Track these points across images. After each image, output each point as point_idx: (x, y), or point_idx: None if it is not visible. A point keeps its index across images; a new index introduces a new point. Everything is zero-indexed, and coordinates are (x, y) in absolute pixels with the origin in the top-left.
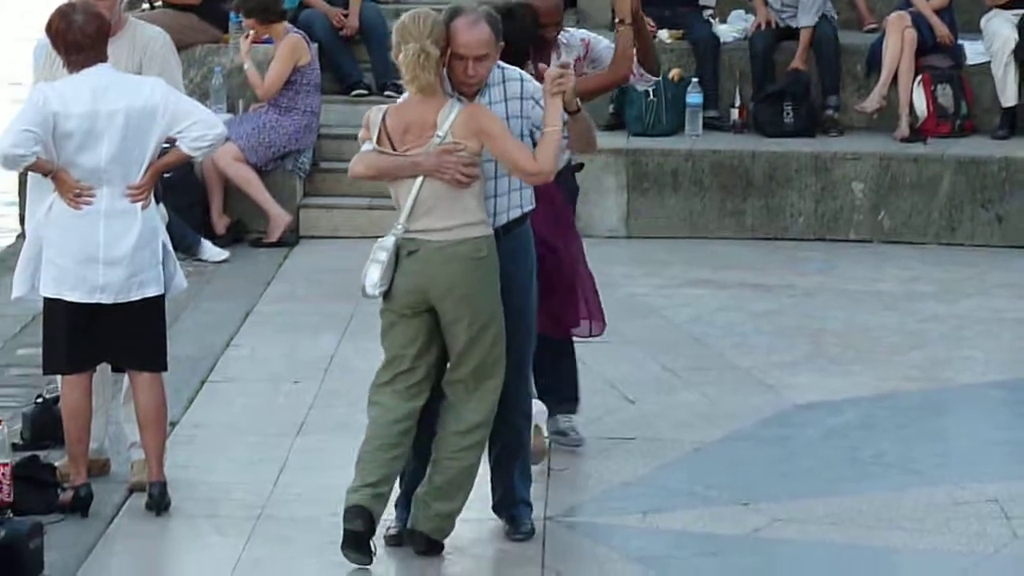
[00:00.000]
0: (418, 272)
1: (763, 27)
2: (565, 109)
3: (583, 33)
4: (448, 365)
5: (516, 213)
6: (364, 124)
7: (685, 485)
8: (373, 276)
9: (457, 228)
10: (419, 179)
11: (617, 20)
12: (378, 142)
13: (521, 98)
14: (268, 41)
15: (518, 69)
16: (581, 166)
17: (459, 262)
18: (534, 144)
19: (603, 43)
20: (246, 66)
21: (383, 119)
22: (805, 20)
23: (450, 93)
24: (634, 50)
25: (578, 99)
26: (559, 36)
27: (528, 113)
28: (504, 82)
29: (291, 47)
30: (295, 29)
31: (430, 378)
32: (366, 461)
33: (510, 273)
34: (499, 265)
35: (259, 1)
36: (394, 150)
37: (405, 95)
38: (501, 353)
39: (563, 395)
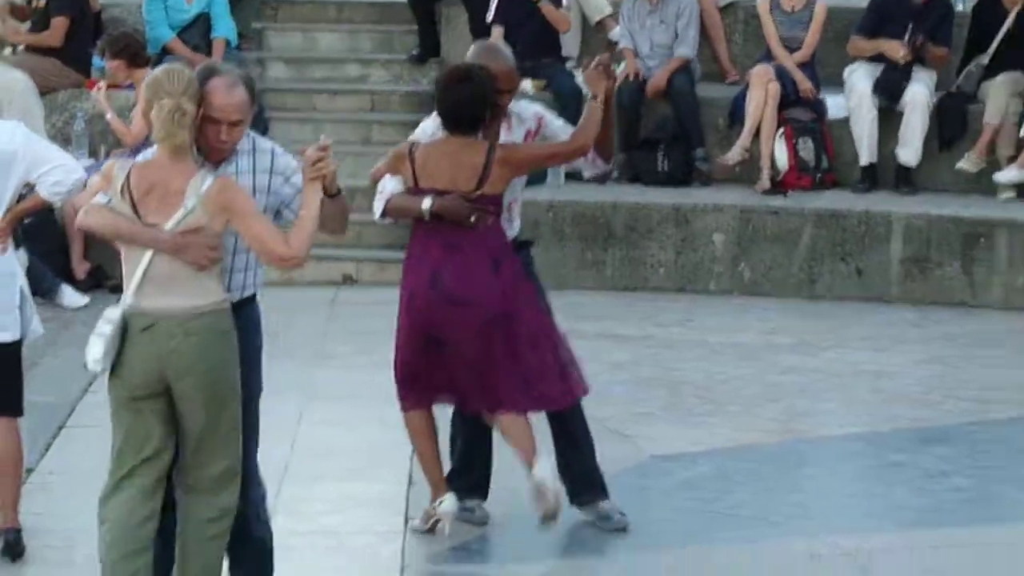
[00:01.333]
0: (154, 349)
1: (631, 78)
2: (325, 192)
3: (538, 108)
4: (185, 449)
5: (251, 291)
6: (104, 173)
7: (541, 535)
8: (95, 351)
9: (197, 301)
10: (150, 252)
11: (591, 95)
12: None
13: (271, 172)
14: (129, 87)
15: (270, 141)
16: (530, 242)
17: (201, 336)
18: (279, 222)
19: (558, 122)
20: (108, 116)
21: (128, 174)
22: (683, 51)
23: (196, 158)
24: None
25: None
26: (510, 106)
27: (277, 189)
28: (254, 152)
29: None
30: None
31: (170, 463)
32: (116, 572)
33: (242, 347)
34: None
35: (128, 43)
36: (134, 209)
37: (151, 151)
38: (239, 435)
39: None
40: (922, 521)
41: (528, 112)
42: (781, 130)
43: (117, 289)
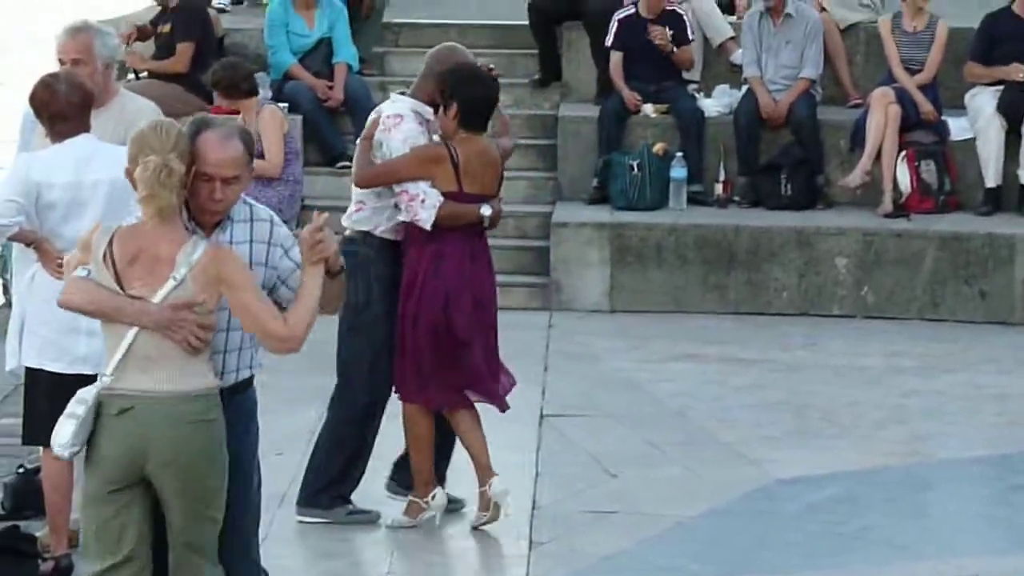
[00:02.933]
0: (133, 435)
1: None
2: (327, 272)
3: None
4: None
5: (246, 374)
6: (82, 244)
7: (667, 560)
8: (64, 434)
9: (183, 385)
10: (135, 329)
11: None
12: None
13: (269, 243)
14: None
15: (268, 209)
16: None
17: (185, 425)
18: (275, 299)
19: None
20: None
21: (110, 240)
22: (809, 71)
23: (187, 223)
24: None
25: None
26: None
27: (276, 263)
28: (252, 220)
29: (276, 118)
30: (268, 100)
31: (149, 566)
32: None
33: (236, 441)
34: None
35: (226, 76)
36: (117, 280)
37: (134, 217)
38: (217, 532)
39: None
40: None
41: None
42: (903, 153)
43: None
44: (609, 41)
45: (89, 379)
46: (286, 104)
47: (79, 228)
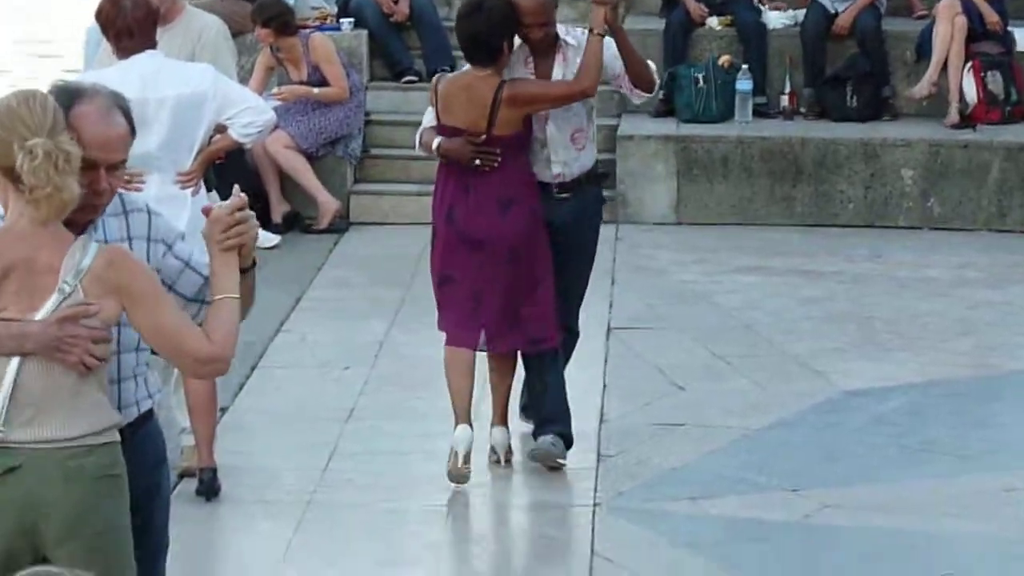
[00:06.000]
0: (21, 500)
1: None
2: (240, 267)
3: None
4: None
5: (147, 405)
6: None
7: (734, 471)
8: None
9: (81, 428)
10: (16, 360)
11: (589, 29)
12: None
13: (149, 239)
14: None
15: (142, 197)
16: (604, 175)
17: (86, 483)
18: None
19: (611, 49)
20: (316, 92)
21: None
22: None
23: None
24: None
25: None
26: (564, 36)
27: (158, 263)
28: (126, 213)
29: (328, 43)
30: (311, 29)
31: None
32: None
33: (145, 498)
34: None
35: (275, 13)
36: None
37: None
38: None
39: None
40: None
41: (584, 40)
42: (969, 64)
43: (308, 229)
44: None
45: None
46: (352, 19)
47: (145, 145)
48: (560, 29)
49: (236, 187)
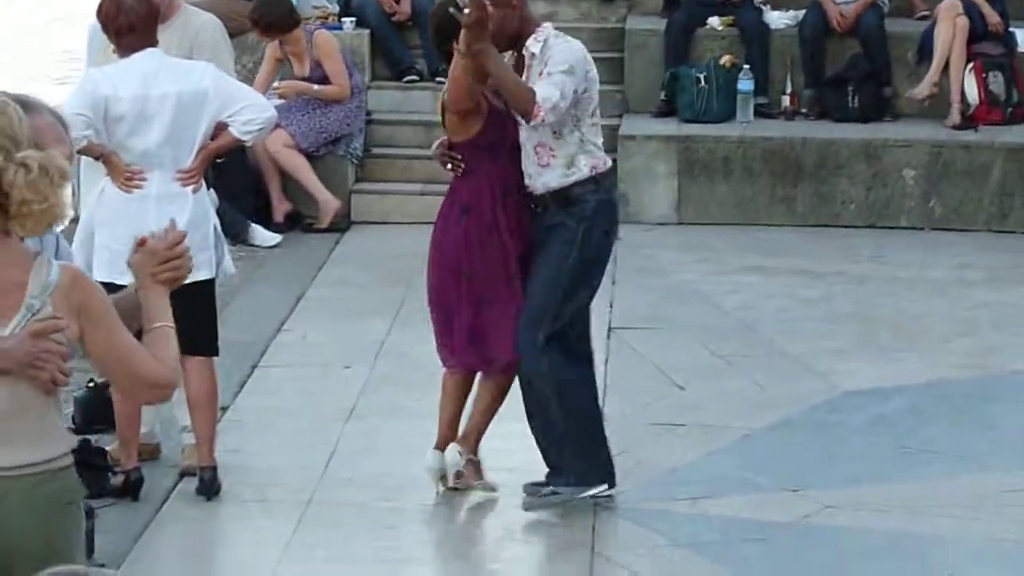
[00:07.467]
0: None
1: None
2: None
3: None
4: None
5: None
6: None
7: (734, 471)
8: None
9: (42, 452)
10: None
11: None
12: None
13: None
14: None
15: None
16: (576, 202)
17: (47, 511)
18: None
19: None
20: (315, 88)
21: None
22: None
23: None
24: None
25: None
26: (530, 47)
27: None
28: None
29: (332, 41)
30: (316, 26)
31: None
32: None
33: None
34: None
35: (264, 16)
36: None
37: None
38: None
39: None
40: None
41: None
42: (971, 64)
43: (309, 228)
44: None
45: None
46: (354, 18)
47: (146, 142)
48: (546, 30)
49: (174, 220)
